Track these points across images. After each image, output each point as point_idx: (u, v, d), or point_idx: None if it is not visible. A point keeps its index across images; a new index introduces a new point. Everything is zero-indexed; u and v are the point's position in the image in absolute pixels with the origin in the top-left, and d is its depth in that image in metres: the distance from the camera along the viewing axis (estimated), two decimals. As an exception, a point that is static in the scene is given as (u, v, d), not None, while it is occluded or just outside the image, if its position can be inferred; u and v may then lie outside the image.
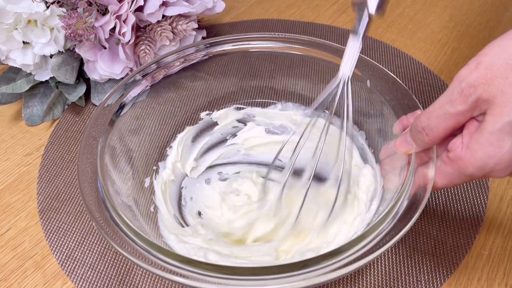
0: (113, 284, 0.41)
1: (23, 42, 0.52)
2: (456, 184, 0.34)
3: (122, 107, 0.43)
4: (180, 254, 0.32)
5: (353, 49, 0.38)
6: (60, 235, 0.45)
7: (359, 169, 0.45)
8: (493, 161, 0.30)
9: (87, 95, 0.58)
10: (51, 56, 0.54)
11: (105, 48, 0.54)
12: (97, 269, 0.42)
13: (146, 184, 0.45)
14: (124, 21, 0.52)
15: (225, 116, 0.51)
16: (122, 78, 0.56)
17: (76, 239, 0.44)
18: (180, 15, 0.57)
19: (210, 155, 0.51)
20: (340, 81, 0.39)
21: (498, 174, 0.31)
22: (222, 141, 0.52)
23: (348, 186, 0.42)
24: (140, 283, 0.41)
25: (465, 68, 0.30)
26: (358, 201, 0.43)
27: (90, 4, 0.52)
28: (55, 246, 0.44)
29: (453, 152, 0.32)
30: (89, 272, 0.42)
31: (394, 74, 0.43)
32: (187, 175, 0.49)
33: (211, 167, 0.51)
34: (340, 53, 0.46)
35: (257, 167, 0.50)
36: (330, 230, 0.41)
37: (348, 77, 0.39)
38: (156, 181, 0.46)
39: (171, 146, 0.49)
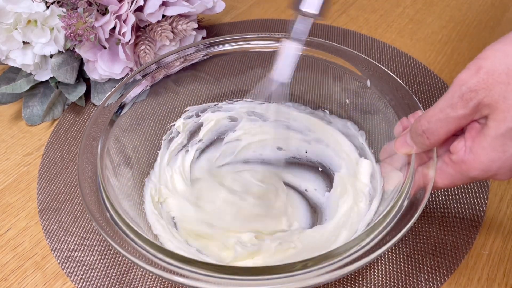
0: (113, 284, 0.41)
1: (23, 42, 0.52)
2: (457, 185, 0.34)
3: (122, 107, 0.43)
4: (180, 254, 0.32)
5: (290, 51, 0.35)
6: (60, 235, 0.45)
7: (358, 165, 0.45)
8: (496, 165, 0.30)
9: (87, 95, 0.58)
10: (51, 56, 0.54)
11: (105, 48, 0.54)
12: (97, 269, 0.42)
13: (146, 184, 0.45)
14: (124, 21, 0.52)
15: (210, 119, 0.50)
16: (122, 78, 0.56)
17: (76, 239, 0.44)
18: (180, 15, 0.57)
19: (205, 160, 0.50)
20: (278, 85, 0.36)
21: (501, 177, 0.31)
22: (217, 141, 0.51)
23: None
24: (140, 283, 0.41)
25: (465, 72, 0.30)
26: (358, 201, 0.43)
27: (90, 4, 0.52)
28: (55, 246, 0.44)
29: (456, 155, 0.32)
30: (89, 272, 0.42)
31: (394, 74, 0.43)
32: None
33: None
34: (340, 53, 0.46)
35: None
36: (330, 230, 0.41)
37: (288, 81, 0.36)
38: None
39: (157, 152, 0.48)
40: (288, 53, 0.36)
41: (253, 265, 0.39)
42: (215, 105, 0.51)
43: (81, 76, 0.58)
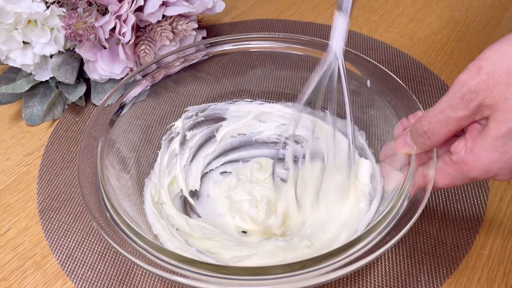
0: (113, 284, 0.41)
1: (23, 42, 0.52)
2: (457, 185, 0.34)
3: (122, 107, 0.43)
4: (180, 254, 0.32)
5: (342, 24, 0.37)
6: (60, 235, 0.45)
7: (358, 165, 0.45)
8: (497, 166, 0.30)
9: (87, 95, 0.58)
10: (51, 56, 0.54)
11: (105, 48, 0.54)
12: (97, 269, 0.42)
13: (146, 184, 0.45)
14: (124, 21, 0.52)
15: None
16: (122, 78, 0.56)
17: (76, 239, 0.44)
18: (180, 15, 0.57)
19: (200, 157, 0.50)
20: (334, 56, 0.38)
21: (502, 178, 0.31)
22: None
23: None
24: (140, 283, 0.41)
25: (466, 72, 0.30)
26: (358, 201, 0.43)
27: (90, 4, 0.52)
28: (55, 246, 0.44)
29: (457, 155, 0.32)
30: (89, 272, 0.42)
31: (394, 74, 0.43)
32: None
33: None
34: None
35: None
36: (330, 230, 0.41)
37: (342, 51, 0.38)
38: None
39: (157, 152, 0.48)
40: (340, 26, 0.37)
41: (256, 265, 0.39)
42: (215, 105, 0.51)
43: (81, 76, 0.58)
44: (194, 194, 0.48)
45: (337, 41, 0.38)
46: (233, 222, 0.45)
